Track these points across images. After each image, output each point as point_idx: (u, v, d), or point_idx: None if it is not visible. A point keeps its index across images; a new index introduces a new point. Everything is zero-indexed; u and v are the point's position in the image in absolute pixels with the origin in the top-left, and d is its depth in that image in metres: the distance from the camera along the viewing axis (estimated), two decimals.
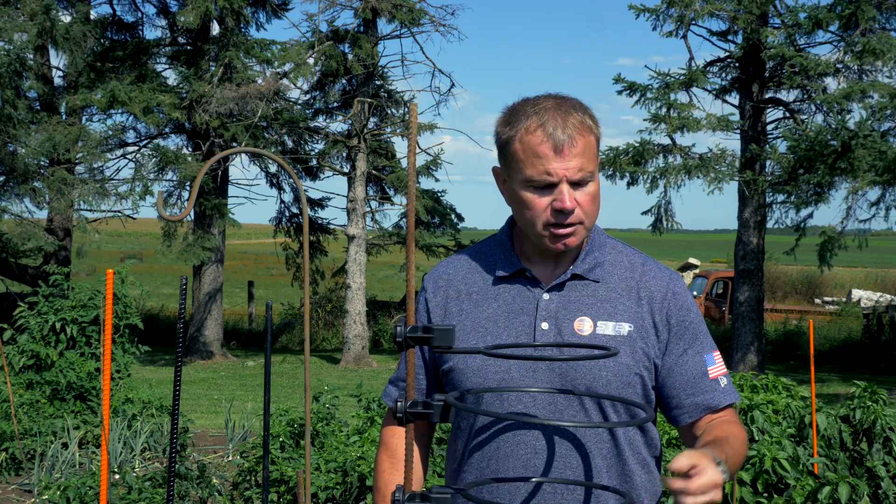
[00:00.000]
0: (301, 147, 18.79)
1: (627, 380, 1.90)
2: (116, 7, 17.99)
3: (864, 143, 13.88)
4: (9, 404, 7.50)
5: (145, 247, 46.76)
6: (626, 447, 1.92)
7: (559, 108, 1.89)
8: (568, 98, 1.94)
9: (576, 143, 1.85)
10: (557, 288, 1.94)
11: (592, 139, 1.89)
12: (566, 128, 1.85)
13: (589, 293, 1.94)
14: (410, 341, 1.66)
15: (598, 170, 1.92)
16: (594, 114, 1.94)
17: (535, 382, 1.90)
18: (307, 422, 2.58)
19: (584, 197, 1.88)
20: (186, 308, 9.39)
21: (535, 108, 1.89)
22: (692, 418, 1.97)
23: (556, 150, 1.85)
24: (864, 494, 4.68)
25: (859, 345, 17.97)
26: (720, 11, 16.16)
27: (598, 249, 1.99)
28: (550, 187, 1.87)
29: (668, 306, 1.96)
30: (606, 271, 1.97)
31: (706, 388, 1.97)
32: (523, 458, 1.88)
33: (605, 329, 1.91)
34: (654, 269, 1.99)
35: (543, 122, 1.86)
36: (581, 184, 1.88)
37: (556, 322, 1.91)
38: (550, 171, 1.85)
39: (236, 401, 11.10)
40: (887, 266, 37.08)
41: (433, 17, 17.17)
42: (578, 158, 1.86)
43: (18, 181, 15.11)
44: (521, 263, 1.97)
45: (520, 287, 1.96)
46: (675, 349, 1.96)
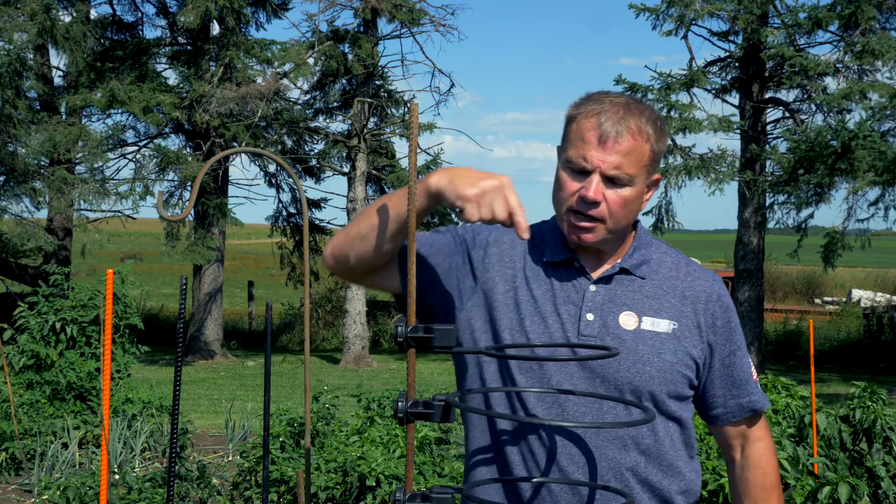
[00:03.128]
0: (301, 147, 18.79)
1: (670, 377, 1.91)
2: (116, 7, 18.02)
3: (864, 144, 13.88)
4: (9, 404, 7.50)
5: (145, 247, 46.75)
6: (666, 441, 1.92)
7: (625, 106, 1.89)
8: (642, 104, 1.93)
9: (622, 140, 1.85)
10: (605, 280, 1.94)
11: (646, 147, 1.88)
12: (618, 123, 1.85)
13: (635, 288, 1.95)
14: (410, 341, 1.66)
15: (646, 181, 1.91)
16: (664, 129, 1.93)
17: (572, 378, 1.88)
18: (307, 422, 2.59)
19: (614, 196, 1.87)
20: (186, 308, 9.39)
21: (605, 99, 1.90)
22: (735, 418, 2.03)
23: (601, 140, 1.85)
24: (864, 494, 4.68)
25: (859, 345, 17.98)
26: (720, 11, 16.16)
27: (645, 247, 2.00)
28: (584, 174, 1.87)
29: (713, 308, 1.98)
30: (652, 269, 1.98)
31: (751, 390, 2.02)
32: (567, 454, 1.87)
33: (649, 325, 1.91)
34: (699, 271, 2.02)
35: (601, 112, 1.87)
36: (616, 183, 1.87)
37: (601, 314, 1.91)
38: (588, 157, 1.86)
39: (236, 401, 11.10)
40: (887, 266, 37.07)
41: (433, 17, 17.17)
42: (620, 157, 1.85)
43: (18, 181, 15.11)
44: (569, 252, 1.96)
45: (567, 275, 1.95)
46: (722, 351, 1.99)
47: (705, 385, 2.00)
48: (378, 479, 5.25)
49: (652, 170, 1.92)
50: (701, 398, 2.02)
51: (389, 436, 5.78)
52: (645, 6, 16.48)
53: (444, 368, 15.85)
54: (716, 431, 2.08)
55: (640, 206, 1.95)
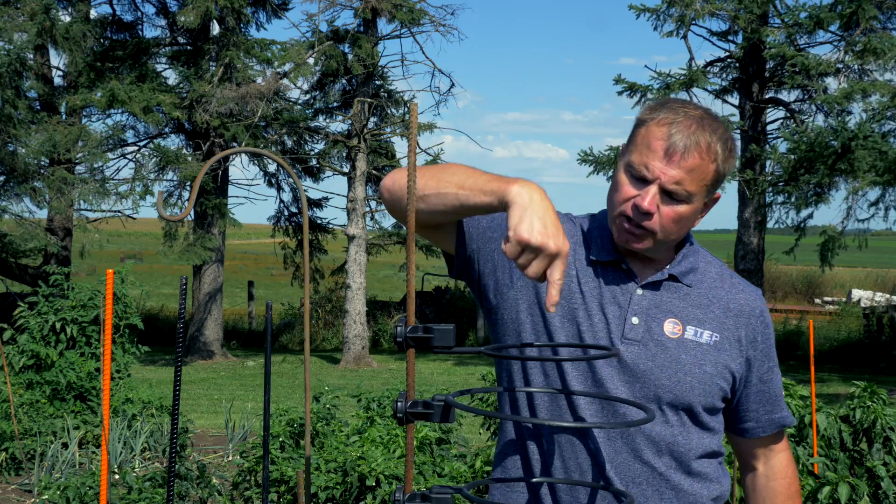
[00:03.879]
0: (301, 147, 18.79)
1: (709, 389, 1.90)
2: (116, 6, 18.02)
3: (865, 144, 13.88)
4: (9, 404, 7.50)
5: (145, 247, 46.76)
6: (698, 450, 1.92)
7: (699, 120, 1.84)
8: (717, 122, 1.88)
9: (689, 156, 1.81)
10: (652, 286, 1.93)
11: (711, 167, 1.84)
12: (688, 138, 1.81)
13: (681, 296, 1.94)
14: (410, 341, 1.66)
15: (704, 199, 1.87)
16: (733, 150, 1.89)
17: (614, 380, 1.87)
18: (307, 422, 2.59)
19: (669, 211, 1.84)
20: (186, 308, 9.39)
21: (679, 108, 1.87)
22: (765, 433, 2.05)
23: (667, 152, 1.82)
24: (864, 494, 4.68)
25: (859, 345, 17.97)
26: (720, 11, 16.16)
27: (693, 255, 1.98)
28: (643, 182, 1.85)
29: (755, 324, 1.97)
30: (698, 278, 1.96)
31: (783, 406, 2.05)
32: (605, 456, 1.87)
33: (692, 335, 1.90)
34: (742, 284, 2.01)
35: (673, 123, 1.83)
36: (673, 198, 1.84)
37: (646, 319, 1.90)
38: (650, 166, 1.83)
39: (236, 401, 11.10)
40: (887, 266, 37.06)
41: (433, 17, 17.17)
42: (683, 172, 1.82)
43: (18, 181, 15.12)
44: (618, 254, 1.94)
45: (614, 276, 1.93)
46: (761, 368, 1.99)
47: (739, 399, 2.00)
48: (378, 479, 5.25)
49: (713, 189, 1.88)
50: (733, 411, 2.02)
51: (389, 436, 5.78)
52: (645, 7, 16.48)
53: (444, 368, 15.85)
54: (740, 442, 2.08)
55: (694, 223, 1.92)
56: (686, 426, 1.90)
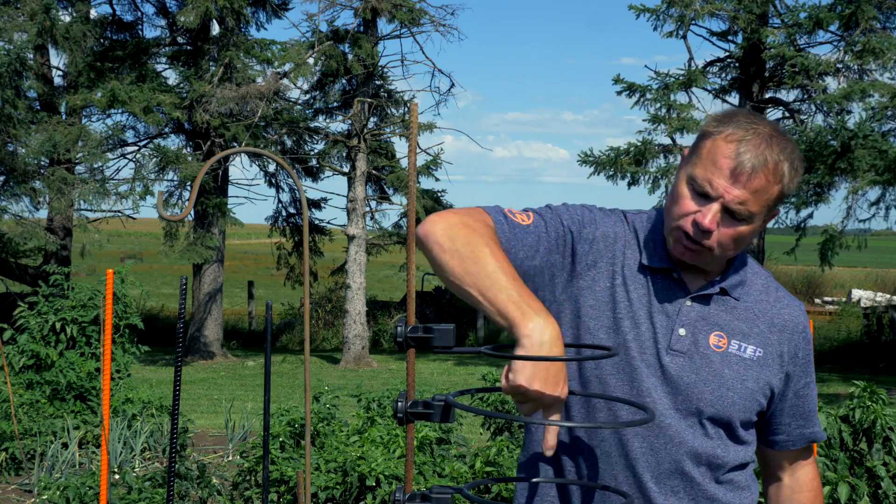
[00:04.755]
0: (301, 147, 18.79)
1: (749, 405, 1.90)
2: (116, 7, 18.02)
3: (864, 143, 13.88)
4: (9, 404, 7.50)
5: (145, 247, 46.76)
6: (733, 462, 1.92)
7: (768, 140, 1.79)
8: (786, 139, 1.83)
9: (755, 178, 1.77)
10: (702, 299, 1.90)
11: (775, 189, 1.80)
12: (756, 158, 1.77)
13: (728, 309, 1.91)
14: (410, 341, 1.66)
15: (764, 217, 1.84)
16: (799, 169, 1.84)
17: (657, 390, 1.86)
18: (307, 422, 2.58)
19: (729, 231, 1.81)
20: (186, 308, 9.39)
21: (748, 124, 1.80)
22: (796, 447, 2.04)
23: (734, 171, 1.77)
24: (864, 494, 4.68)
25: (859, 345, 17.97)
26: (720, 11, 16.17)
27: (742, 266, 1.96)
28: (705, 198, 1.80)
29: (797, 340, 1.96)
30: (745, 290, 1.94)
31: (815, 421, 2.04)
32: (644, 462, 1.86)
33: (736, 349, 1.89)
34: (787, 298, 1.99)
35: (743, 140, 1.78)
36: (735, 217, 1.80)
37: (693, 331, 1.87)
38: (714, 184, 1.78)
39: (236, 401, 11.10)
40: (887, 266, 37.06)
41: (433, 17, 17.17)
42: (747, 193, 1.77)
43: (18, 181, 15.12)
44: (669, 262, 1.90)
45: (664, 285, 1.90)
46: (798, 383, 1.98)
47: (774, 412, 1.99)
48: (378, 479, 5.25)
49: (774, 208, 1.85)
50: (766, 423, 2.01)
51: (389, 436, 5.78)
52: (645, 7, 16.48)
53: (444, 368, 15.85)
54: (768, 453, 2.07)
55: (751, 241, 1.89)
56: (724, 440, 1.89)
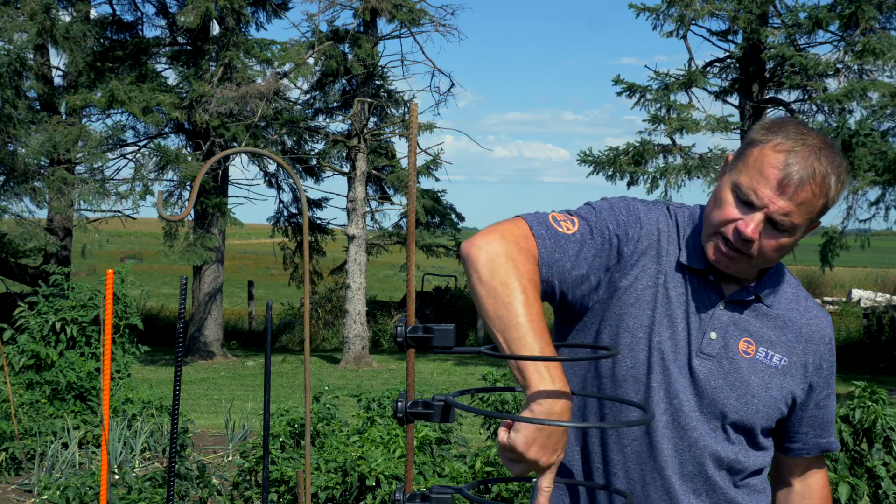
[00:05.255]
0: (301, 147, 18.80)
1: (771, 413, 1.90)
2: (116, 6, 18.02)
3: (864, 143, 13.88)
4: (9, 404, 7.50)
5: (145, 247, 46.76)
6: (752, 467, 1.92)
7: (817, 152, 1.77)
8: (834, 152, 1.81)
9: (802, 191, 1.75)
10: (735, 304, 1.90)
11: (820, 203, 1.79)
12: (805, 171, 1.75)
13: (759, 315, 1.91)
14: (410, 341, 1.66)
15: (807, 227, 1.83)
16: (845, 182, 1.83)
17: (686, 391, 1.85)
18: (307, 422, 2.59)
19: (771, 241, 1.80)
20: (186, 308, 9.39)
21: (798, 135, 1.79)
22: (810, 455, 2.04)
23: (781, 183, 1.75)
24: (864, 494, 4.68)
25: (859, 345, 17.97)
26: (720, 11, 16.17)
27: (776, 275, 1.95)
28: (749, 206, 1.79)
29: (823, 351, 1.96)
30: (777, 298, 1.94)
31: (832, 431, 2.04)
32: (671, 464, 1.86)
33: (763, 356, 1.89)
34: (815, 308, 1.98)
35: (792, 151, 1.77)
36: (777, 228, 1.79)
37: (724, 336, 1.87)
38: (760, 194, 1.77)
39: (236, 401, 11.10)
40: (887, 266, 37.06)
41: (433, 17, 17.17)
42: (793, 205, 1.76)
43: (18, 181, 15.12)
44: (706, 264, 1.89)
45: (700, 286, 1.89)
46: (820, 394, 1.98)
47: (792, 420, 1.99)
48: (378, 479, 5.25)
49: (817, 219, 1.84)
50: (783, 430, 2.01)
51: (389, 436, 5.78)
52: (645, 6, 16.48)
53: (444, 368, 15.85)
54: (782, 459, 2.07)
55: (789, 252, 1.88)
56: (744, 445, 1.90)
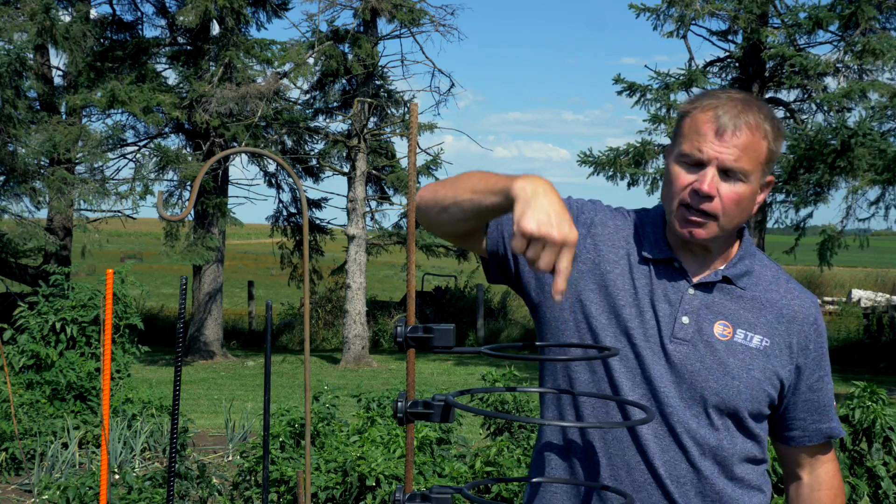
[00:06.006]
0: (301, 147, 18.79)
1: (756, 394, 1.89)
2: (116, 6, 18.02)
3: (864, 142, 13.88)
4: (9, 404, 7.50)
5: (145, 247, 46.75)
6: (741, 456, 1.91)
7: (743, 101, 1.85)
8: (759, 102, 1.89)
9: (740, 133, 1.81)
10: (705, 287, 1.91)
11: (763, 144, 1.84)
12: (737, 117, 1.82)
13: (733, 298, 1.92)
14: (410, 341, 1.66)
15: (760, 181, 1.87)
16: (780, 129, 1.89)
17: (663, 379, 1.86)
18: (307, 422, 2.59)
19: (729, 192, 1.83)
20: (186, 308, 9.39)
21: (720, 93, 1.87)
22: (812, 443, 2.02)
23: (718, 132, 1.81)
24: (864, 494, 4.68)
25: (859, 345, 17.97)
26: (720, 11, 16.17)
27: (749, 258, 1.96)
28: (699, 166, 1.83)
29: (808, 331, 1.96)
30: (753, 281, 1.94)
31: (832, 416, 2.02)
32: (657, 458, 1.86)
33: (741, 338, 1.89)
34: (798, 290, 1.98)
35: (718, 106, 1.83)
36: (731, 177, 1.83)
37: (696, 319, 1.88)
38: (703, 149, 1.82)
39: (236, 401, 11.10)
40: (887, 266, 37.06)
41: (433, 17, 17.17)
42: (737, 150, 1.81)
43: (18, 181, 15.11)
44: (670, 252, 1.92)
45: (665, 275, 1.91)
46: (811, 376, 1.97)
47: (787, 406, 1.98)
48: (378, 479, 5.25)
49: (767, 169, 1.88)
50: (780, 418, 2.00)
51: (389, 436, 5.78)
52: (645, 6, 16.48)
53: (444, 368, 15.85)
54: (785, 450, 2.06)
55: (753, 207, 1.90)
56: (731, 431, 1.88)
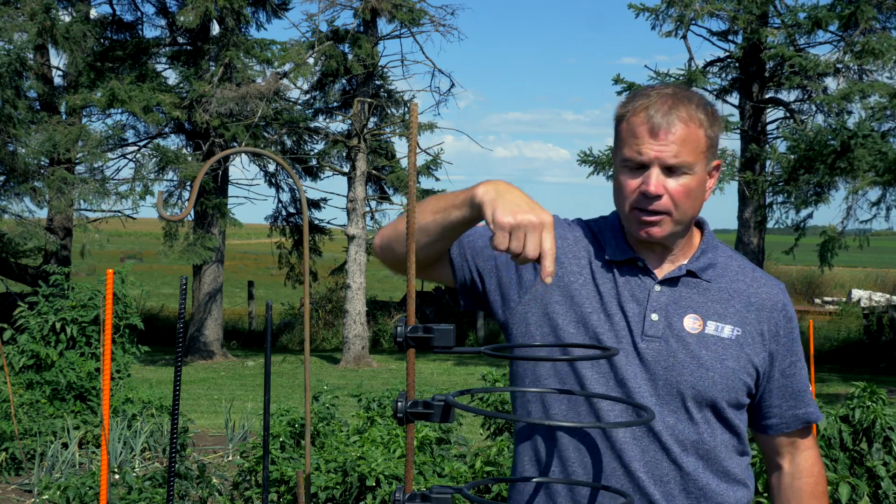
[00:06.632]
0: (301, 147, 18.79)
1: (732, 384, 1.89)
2: (116, 6, 18.02)
3: (864, 143, 13.88)
4: (9, 404, 7.50)
5: (145, 247, 46.75)
6: (722, 449, 1.91)
7: (673, 96, 1.87)
8: (691, 92, 1.92)
9: (674, 129, 1.84)
10: (670, 282, 1.92)
11: (700, 133, 1.86)
12: (668, 114, 1.84)
13: (700, 291, 1.93)
14: (410, 341, 1.66)
15: (706, 169, 1.89)
16: (716, 114, 1.91)
17: (636, 378, 1.86)
18: (307, 422, 2.59)
19: (676, 187, 1.85)
20: (186, 308, 9.38)
21: (649, 90, 1.89)
22: (790, 429, 2.02)
23: (652, 132, 1.84)
24: (864, 494, 4.68)
25: (859, 345, 17.97)
26: (720, 11, 16.17)
27: (712, 250, 1.97)
28: (642, 169, 1.85)
29: (777, 317, 1.96)
30: (718, 273, 1.95)
31: (808, 401, 2.01)
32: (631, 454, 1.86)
33: (713, 330, 1.89)
34: (765, 278, 1.99)
35: (649, 105, 1.85)
36: (676, 173, 1.85)
37: (666, 315, 1.89)
38: (643, 151, 1.84)
39: (236, 401, 11.10)
40: (887, 266, 37.06)
41: (433, 17, 17.17)
42: (675, 146, 1.83)
43: (18, 181, 15.12)
44: (632, 252, 1.94)
45: (630, 275, 1.93)
46: (783, 362, 1.97)
47: (763, 394, 1.98)
48: (378, 479, 5.26)
49: (710, 156, 1.90)
50: (756, 407, 2.00)
51: (389, 436, 5.78)
52: (644, 6, 16.48)
53: (444, 368, 15.85)
54: (765, 440, 2.06)
55: (704, 195, 1.92)
56: (711, 424, 1.89)
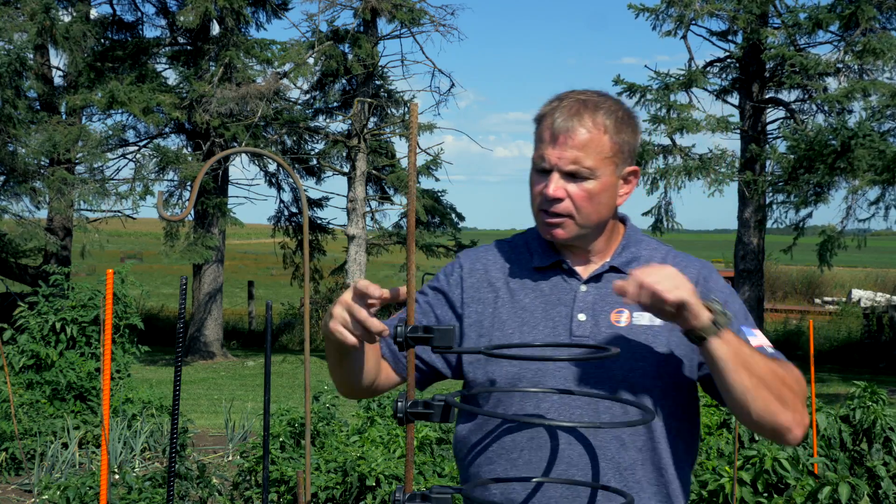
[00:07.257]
0: (301, 147, 18.80)
1: (666, 369, 1.89)
2: (116, 7, 18.02)
3: (864, 143, 13.88)
4: (9, 404, 7.50)
5: (145, 247, 46.74)
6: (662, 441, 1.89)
7: (582, 102, 1.89)
8: (606, 97, 1.94)
9: (575, 135, 1.86)
10: (595, 280, 1.94)
11: (604, 139, 1.88)
12: (571, 119, 1.86)
13: None
14: (410, 341, 1.65)
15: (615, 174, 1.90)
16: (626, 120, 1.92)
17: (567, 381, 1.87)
18: (307, 422, 2.58)
19: (578, 191, 1.88)
20: (186, 308, 9.39)
21: (565, 96, 1.92)
22: None
23: (553, 138, 1.87)
24: (864, 494, 4.68)
25: (859, 345, 17.97)
26: (720, 11, 16.17)
27: (635, 245, 1.99)
28: (546, 173, 1.90)
29: (700, 291, 1.91)
30: (642, 265, 1.93)
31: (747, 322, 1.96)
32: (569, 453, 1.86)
33: (641, 320, 1.90)
34: (686, 260, 2.00)
35: (557, 109, 1.89)
36: (577, 177, 1.87)
37: (593, 313, 1.91)
38: (545, 156, 1.88)
39: (236, 401, 11.09)
40: (887, 266, 37.05)
41: (433, 17, 17.18)
42: (575, 151, 1.86)
43: (18, 181, 15.12)
44: (557, 255, 1.96)
45: (557, 279, 1.95)
46: None
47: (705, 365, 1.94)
48: (378, 479, 5.26)
49: (620, 161, 1.91)
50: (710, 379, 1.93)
51: (389, 436, 5.78)
52: (644, 6, 16.48)
53: None
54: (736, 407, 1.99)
55: (614, 200, 1.93)
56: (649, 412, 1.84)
